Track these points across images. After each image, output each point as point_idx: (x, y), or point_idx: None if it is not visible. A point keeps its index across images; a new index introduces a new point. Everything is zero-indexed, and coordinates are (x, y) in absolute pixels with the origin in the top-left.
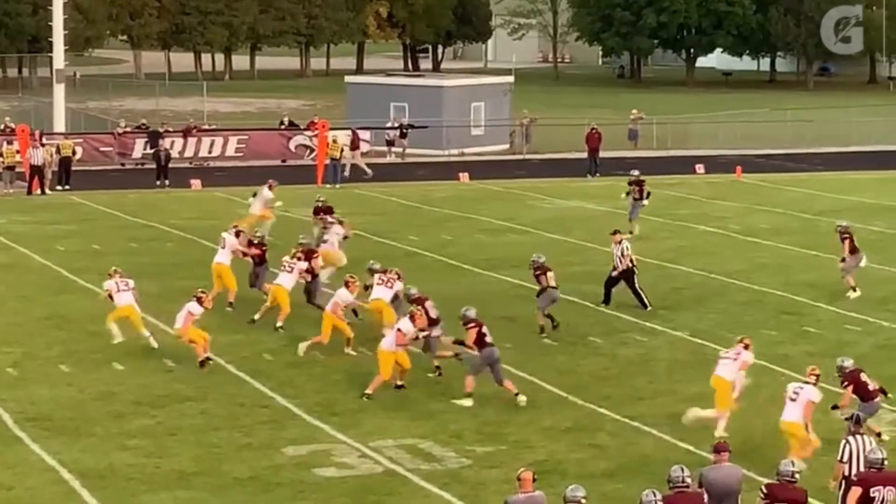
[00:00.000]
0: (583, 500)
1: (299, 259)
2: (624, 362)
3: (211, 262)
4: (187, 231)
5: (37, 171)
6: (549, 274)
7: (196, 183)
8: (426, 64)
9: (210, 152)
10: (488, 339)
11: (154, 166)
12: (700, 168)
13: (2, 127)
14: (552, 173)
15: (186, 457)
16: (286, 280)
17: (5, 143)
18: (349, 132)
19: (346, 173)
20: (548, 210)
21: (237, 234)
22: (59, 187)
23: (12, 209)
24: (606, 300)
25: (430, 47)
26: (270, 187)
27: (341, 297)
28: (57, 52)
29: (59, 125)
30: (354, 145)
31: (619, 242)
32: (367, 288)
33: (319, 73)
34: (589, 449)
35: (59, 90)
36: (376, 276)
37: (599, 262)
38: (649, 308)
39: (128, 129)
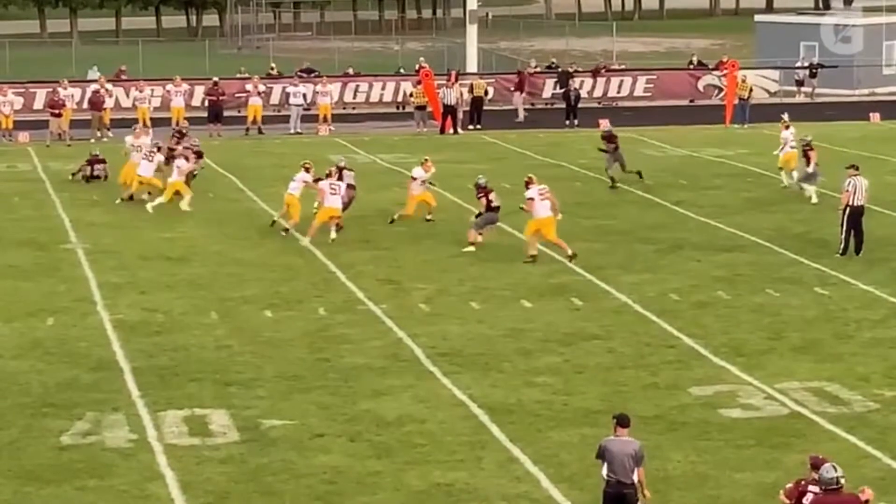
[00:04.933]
0: None
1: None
2: None
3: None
4: (595, 171)
5: (450, 110)
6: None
7: (604, 123)
8: (837, 2)
9: (619, 92)
10: (494, 204)
11: (563, 106)
12: None
13: (417, 68)
14: None
15: (593, 395)
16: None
17: (417, 83)
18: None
19: (520, 118)
20: None
21: None
22: (470, 126)
23: (425, 148)
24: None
25: None
26: None
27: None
28: None
29: (472, 65)
30: (520, 87)
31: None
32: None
33: (728, 11)
34: None
35: (472, 31)
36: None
37: None
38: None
39: (538, 69)
